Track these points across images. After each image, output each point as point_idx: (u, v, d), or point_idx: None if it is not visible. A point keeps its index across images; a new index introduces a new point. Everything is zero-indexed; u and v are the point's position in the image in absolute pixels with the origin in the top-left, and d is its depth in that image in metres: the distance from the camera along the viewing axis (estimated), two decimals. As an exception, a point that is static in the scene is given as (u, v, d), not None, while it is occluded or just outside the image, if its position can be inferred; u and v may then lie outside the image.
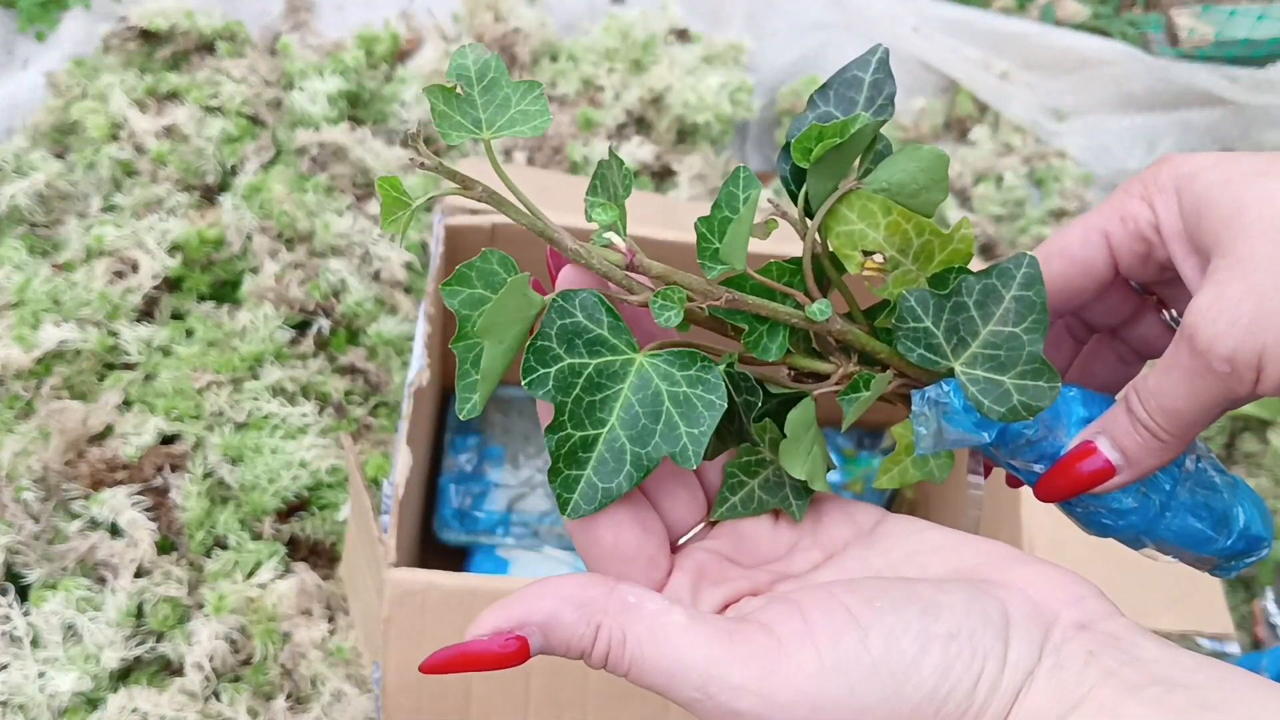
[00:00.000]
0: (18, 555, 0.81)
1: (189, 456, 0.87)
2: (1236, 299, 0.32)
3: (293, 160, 1.09)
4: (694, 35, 1.33)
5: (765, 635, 0.29)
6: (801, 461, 0.34)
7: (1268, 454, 1.06)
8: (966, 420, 0.35)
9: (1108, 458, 0.36)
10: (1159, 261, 0.37)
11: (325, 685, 0.77)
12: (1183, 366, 0.34)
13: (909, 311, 0.33)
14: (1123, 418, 0.36)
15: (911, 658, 0.28)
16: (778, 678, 0.28)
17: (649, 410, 0.32)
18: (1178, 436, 0.35)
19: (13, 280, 0.95)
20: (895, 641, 0.28)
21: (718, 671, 0.28)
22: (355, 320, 0.98)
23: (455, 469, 0.95)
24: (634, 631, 0.30)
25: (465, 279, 0.34)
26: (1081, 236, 0.38)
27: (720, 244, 0.35)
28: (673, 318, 0.32)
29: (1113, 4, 1.50)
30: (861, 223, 0.34)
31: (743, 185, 0.35)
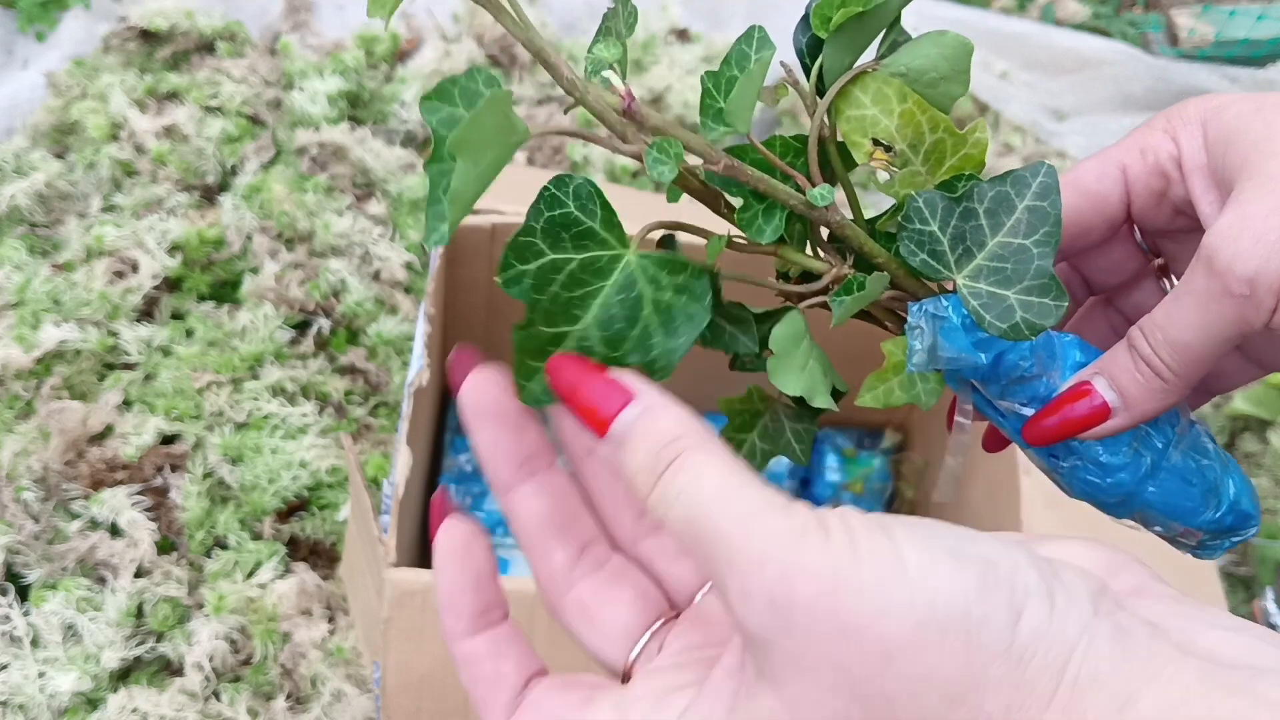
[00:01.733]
0: (18, 555, 0.81)
1: (189, 456, 0.87)
2: (1263, 215, 0.30)
3: (293, 160, 1.09)
4: (694, 35, 1.33)
5: (814, 514, 0.26)
6: (795, 377, 0.32)
7: (1268, 454, 1.06)
8: (964, 339, 0.33)
9: (1104, 398, 0.33)
10: (1174, 203, 0.36)
11: (325, 685, 0.77)
12: (1196, 292, 0.31)
13: (916, 213, 0.31)
14: (1123, 355, 0.34)
15: (943, 573, 0.25)
16: (814, 542, 0.25)
17: (627, 314, 0.30)
18: (1181, 375, 0.33)
19: (13, 280, 0.95)
20: (928, 552, 0.25)
21: (765, 515, 0.26)
22: (355, 320, 0.98)
23: (455, 469, 0.95)
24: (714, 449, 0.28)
25: (447, 94, 0.30)
26: (1097, 168, 0.36)
27: (725, 102, 0.32)
28: (666, 173, 0.30)
29: (1113, 4, 1.50)
30: (874, 108, 0.32)
31: (756, 45, 0.33)
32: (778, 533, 0.25)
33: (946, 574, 0.25)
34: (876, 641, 0.24)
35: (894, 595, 0.24)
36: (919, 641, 0.24)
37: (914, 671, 0.24)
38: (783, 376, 0.32)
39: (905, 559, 0.25)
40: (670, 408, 0.29)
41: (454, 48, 1.24)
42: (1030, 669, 0.24)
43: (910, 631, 0.24)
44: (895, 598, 0.24)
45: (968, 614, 0.24)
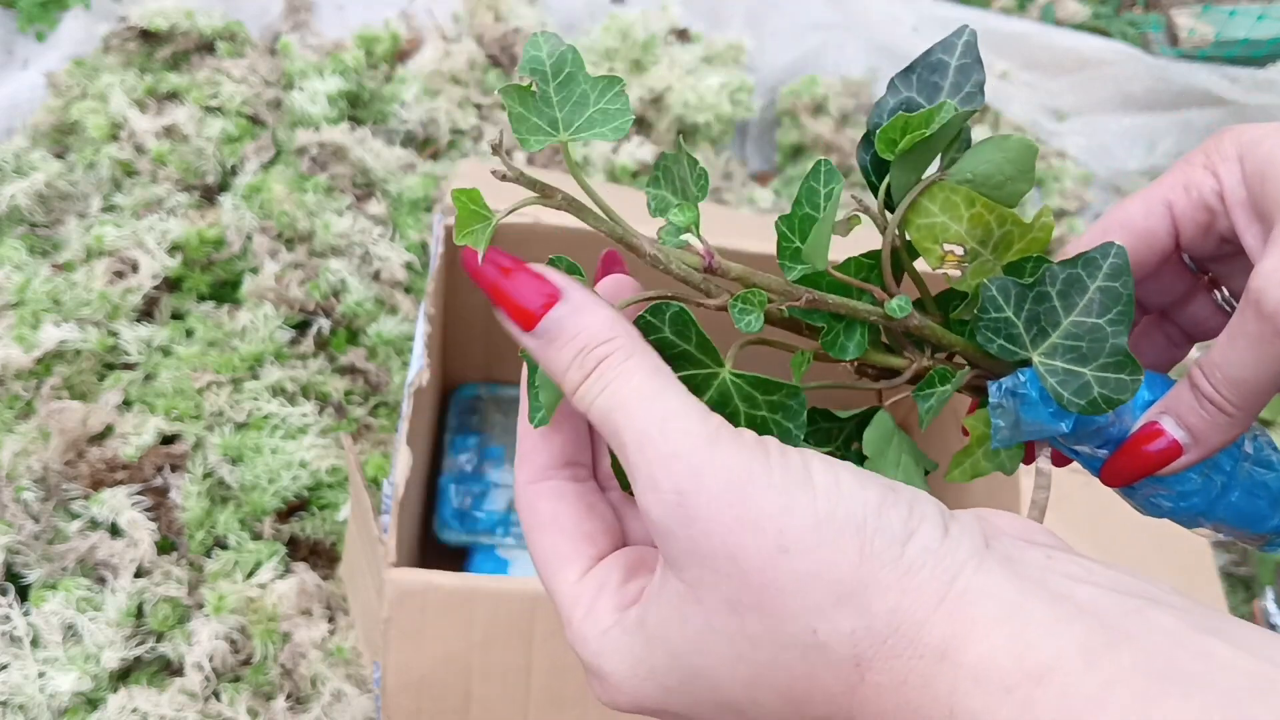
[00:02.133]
0: (18, 555, 0.81)
1: (189, 456, 0.87)
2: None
3: (293, 160, 1.09)
4: (694, 35, 1.33)
5: (730, 426, 0.28)
6: (892, 473, 0.34)
7: (1268, 454, 1.06)
8: (1043, 410, 0.34)
9: (1174, 437, 0.35)
10: (1220, 233, 0.37)
11: (325, 685, 0.77)
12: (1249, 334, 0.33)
13: (990, 301, 0.33)
14: (1187, 395, 0.35)
15: (847, 487, 0.27)
16: (726, 446, 0.27)
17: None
18: (1244, 409, 0.34)
19: (13, 280, 0.95)
20: (834, 471, 0.27)
21: (682, 417, 0.27)
22: (355, 320, 0.98)
23: (455, 469, 0.95)
24: (643, 358, 0.29)
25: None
26: (1144, 207, 0.37)
27: (802, 243, 0.33)
28: (754, 322, 0.31)
29: (1113, 4, 1.50)
30: (944, 215, 0.33)
31: (824, 180, 0.34)
32: (693, 433, 0.27)
33: (849, 489, 0.27)
34: (775, 535, 0.26)
35: (797, 496, 0.26)
36: (814, 540, 0.26)
37: (805, 567, 0.26)
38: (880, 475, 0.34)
39: (813, 471, 0.27)
40: (599, 307, 0.30)
41: (454, 48, 1.24)
42: (918, 577, 0.26)
43: (808, 529, 0.26)
44: (798, 499, 0.26)
45: (864, 523, 0.26)
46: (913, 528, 0.26)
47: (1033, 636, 0.24)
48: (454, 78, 1.21)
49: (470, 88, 1.22)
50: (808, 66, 1.37)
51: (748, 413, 0.32)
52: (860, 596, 0.26)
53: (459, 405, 0.99)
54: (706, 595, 0.27)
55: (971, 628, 0.25)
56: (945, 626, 0.25)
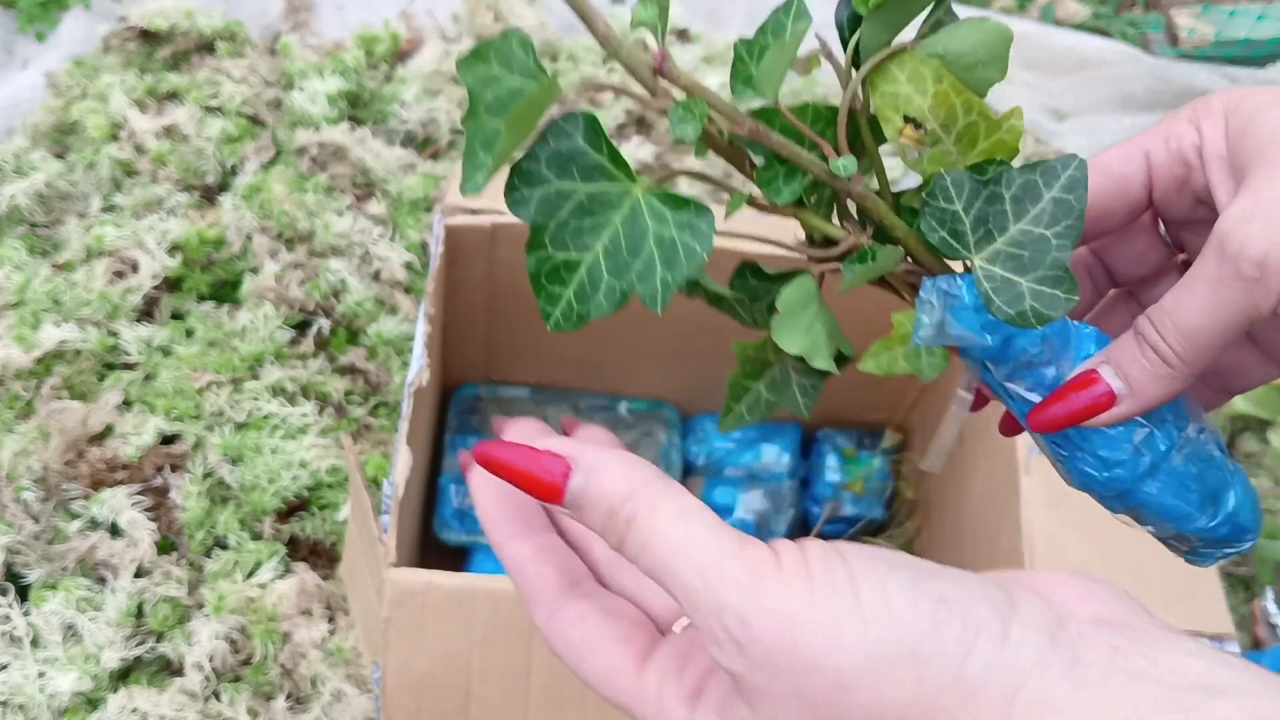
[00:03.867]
0: (18, 555, 0.81)
1: (189, 456, 0.87)
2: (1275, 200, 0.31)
3: (293, 160, 1.09)
4: (694, 35, 1.33)
5: (769, 552, 0.28)
6: (798, 337, 0.33)
7: (1268, 454, 1.06)
8: (973, 319, 0.33)
9: (1110, 385, 0.34)
10: (1195, 192, 0.36)
11: (325, 685, 0.77)
12: (1207, 277, 0.32)
13: (942, 190, 0.32)
14: (1130, 343, 0.34)
15: (896, 609, 0.26)
16: (769, 585, 0.27)
17: (631, 246, 0.31)
18: (1188, 362, 0.33)
19: (13, 280, 0.95)
20: (883, 589, 0.26)
21: (720, 562, 0.27)
22: (355, 320, 0.98)
23: (455, 469, 0.95)
24: (665, 504, 0.29)
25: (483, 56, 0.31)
26: (1122, 153, 0.36)
27: (756, 69, 0.33)
28: (690, 131, 0.31)
29: (1113, 4, 1.50)
30: (909, 86, 0.33)
31: (794, 15, 0.34)
32: (733, 578, 0.27)
33: (899, 611, 0.26)
34: (833, 674, 0.26)
35: (847, 631, 0.26)
36: (872, 674, 0.26)
37: (868, 701, 0.26)
38: (786, 335, 0.33)
39: (860, 595, 0.26)
40: (611, 464, 0.30)
41: (454, 48, 1.24)
42: (981, 698, 0.25)
43: (863, 665, 0.26)
44: (848, 634, 0.26)
45: (918, 650, 0.26)
46: (969, 643, 0.26)
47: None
48: (454, 78, 1.21)
49: (470, 88, 1.22)
50: (808, 66, 1.37)
51: (657, 231, 0.31)
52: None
53: (459, 405, 0.99)
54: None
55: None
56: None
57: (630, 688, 0.32)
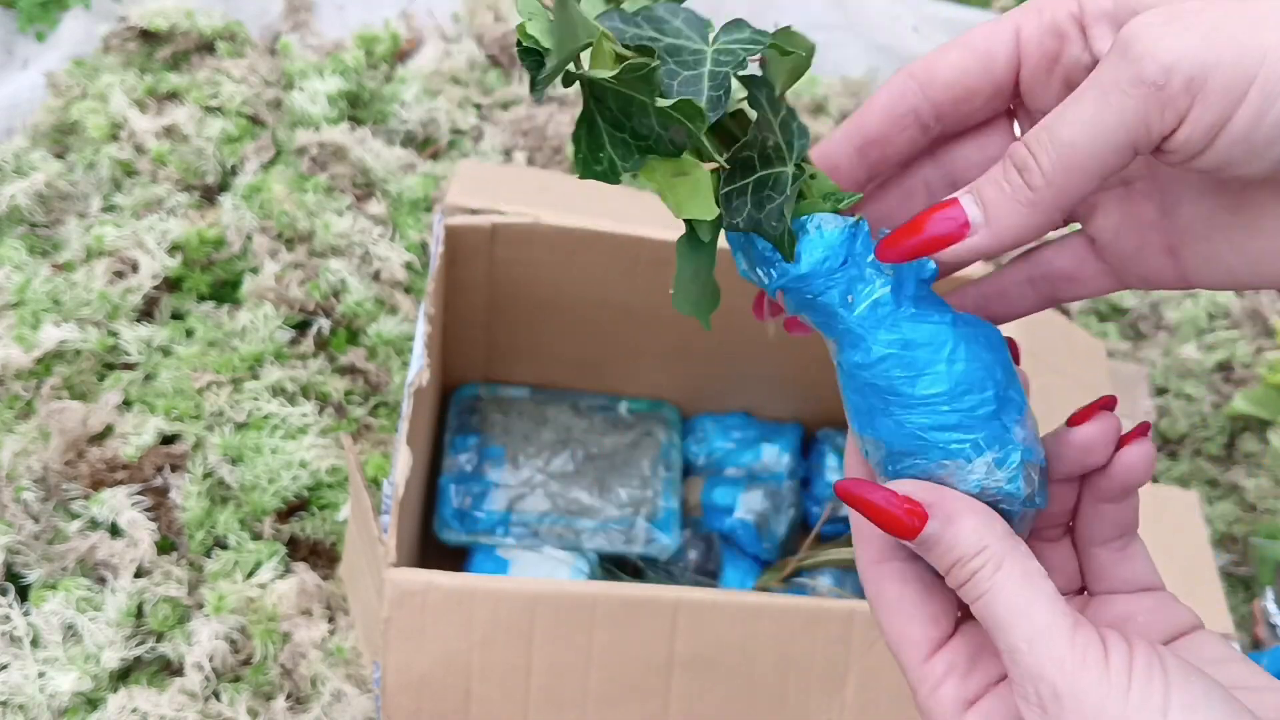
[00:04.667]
0: (18, 555, 0.81)
1: (189, 456, 0.87)
2: (1194, 10, 0.27)
3: (293, 160, 1.09)
4: (694, 35, 1.33)
5: (1099, 642, 0.29)
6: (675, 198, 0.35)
7: (1268, 454, 1.06)
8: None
9: (966, 213, 0.31)
10: (1066, 72, 0.32)
11: (325, 685, 0.77)
12: (1100, 83, 0.28)
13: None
14: (996, 167, 0.31)
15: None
16: (1090, 675, 0.28)
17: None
18: (1054, 184, 0.29)
19: (13, 280, 0.95)
20: (1194, 710, 0.27)
21: (1050, 637, 0.29)
22: (355, 320, 0.98)
23: (455, 469, 0.95)
24: (1010, 567, 0.30)
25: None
26: (990, 28, 0.33)
27: None
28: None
29: (1113, 4, 1.50)
30: None
31: None
32: (1060, 656, 0.29)
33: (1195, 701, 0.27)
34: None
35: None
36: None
37: None
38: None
39: (1171, 708, 0.27)
40: (966, 516, 0.31)
41: (454, 48, 1.24)
42: None
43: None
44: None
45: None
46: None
47: None
48: (454, 78, 1.21)
49: (470, 88, 1.22)
50: (808, 66, 1.37)
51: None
52: None
53: (459, 405, 0.99)
54: None
55: None
56: None
57: (917, 666, 0.34)
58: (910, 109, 0.35)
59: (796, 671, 0.68)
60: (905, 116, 0.35)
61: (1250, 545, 1.03)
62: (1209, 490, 1.07)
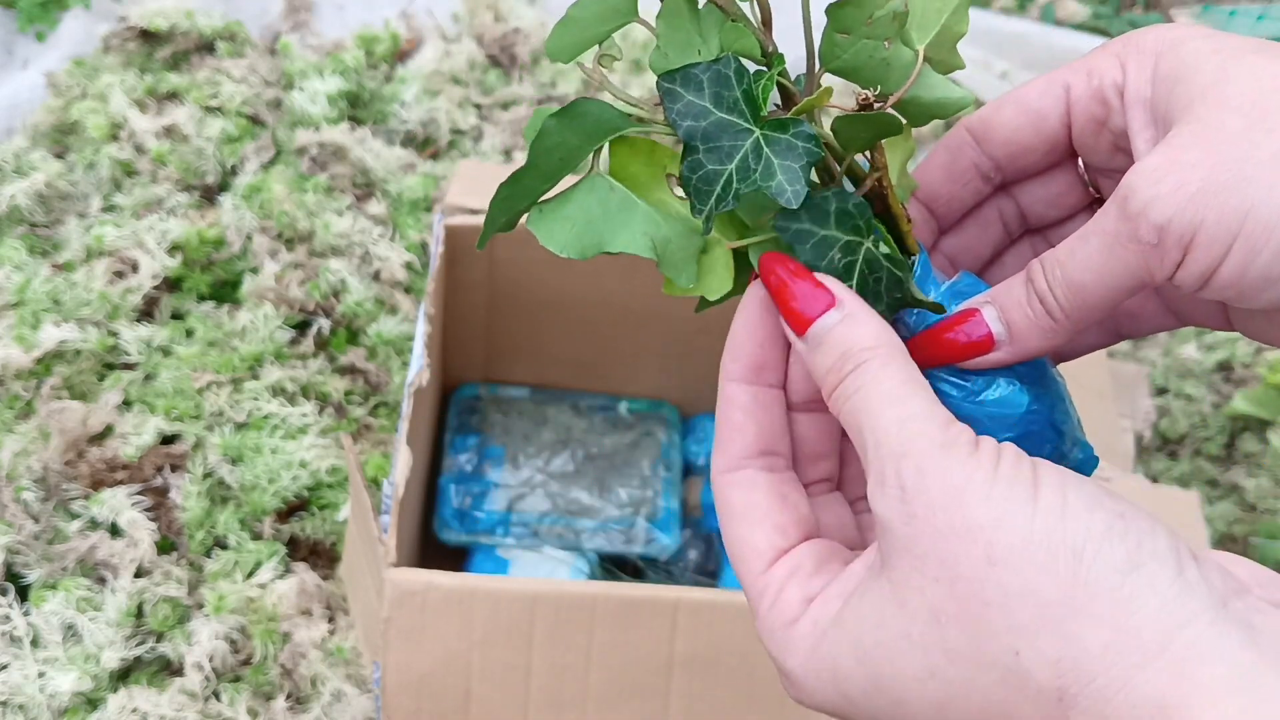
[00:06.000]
0: (18, 555, 0.81)
1: (189, 456, 0.87)
2: (1190, 164, 0.28)
3: (293, 160, 1.09)
4: (694, 35, 1.33)
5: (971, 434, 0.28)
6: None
7: (1268, 454, 1.06)
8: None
9: (990, 328, 0.32)
10: (1113, 135, 0.34)
11: (325, 685, 0.77)
12: (1105, 232, 0.30)
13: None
14: (1018, 288, 0.32)
15: (1071, 510, 0.25)
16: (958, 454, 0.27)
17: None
18: (1071, 317, 0.31)
19: (13, 280, 0.95)
20: (1062, 492, 0.26)
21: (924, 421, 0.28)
22: (355, 320, 0.98)
23: (455, 469, 0.95)
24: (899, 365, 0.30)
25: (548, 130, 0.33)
26: (1042, 86, 0.34)
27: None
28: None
29: (1113, 4, 1.50)
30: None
31: None
32: (926, 436, 0.28)
33: (1074, 510, 0.26)
34: (984, 546, 0.26)
35: (1014, 511, 0.26)
36: (1023, 557, 0.25)
37: (1013, 583, 0.25)
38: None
39: (1039, 492, 0.26)
40: (869, 318, 0.31)
41: (454, 48, 1.24)
42: (1137, 617, 0.24)
43: (1019, 546, 0.25)
44: (1014, 513, 0.26)
45: (1082, 549, 0.25)
46: (1139, 561, 0.25)
47: (1271, 715, 0.23)
48: (454, 78, 1.21)
49: (470, 88, 1.22)
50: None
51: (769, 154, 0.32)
52: (1068, 623, 0.24)
53: (459, 405, 0.99)
54: (911, 599, 0.27)
55: (1198, 690, 0.23)
56: (1166, 681, 0.23)
57: (757, 576, 0.32)
58: (970, 164, 0.36)
59: (796, 671, 0.68)
60: (966, 172, 0.36)
61: (1250, 545, 1.03)
62: (1209, 490, 1.07)
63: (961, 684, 0.26)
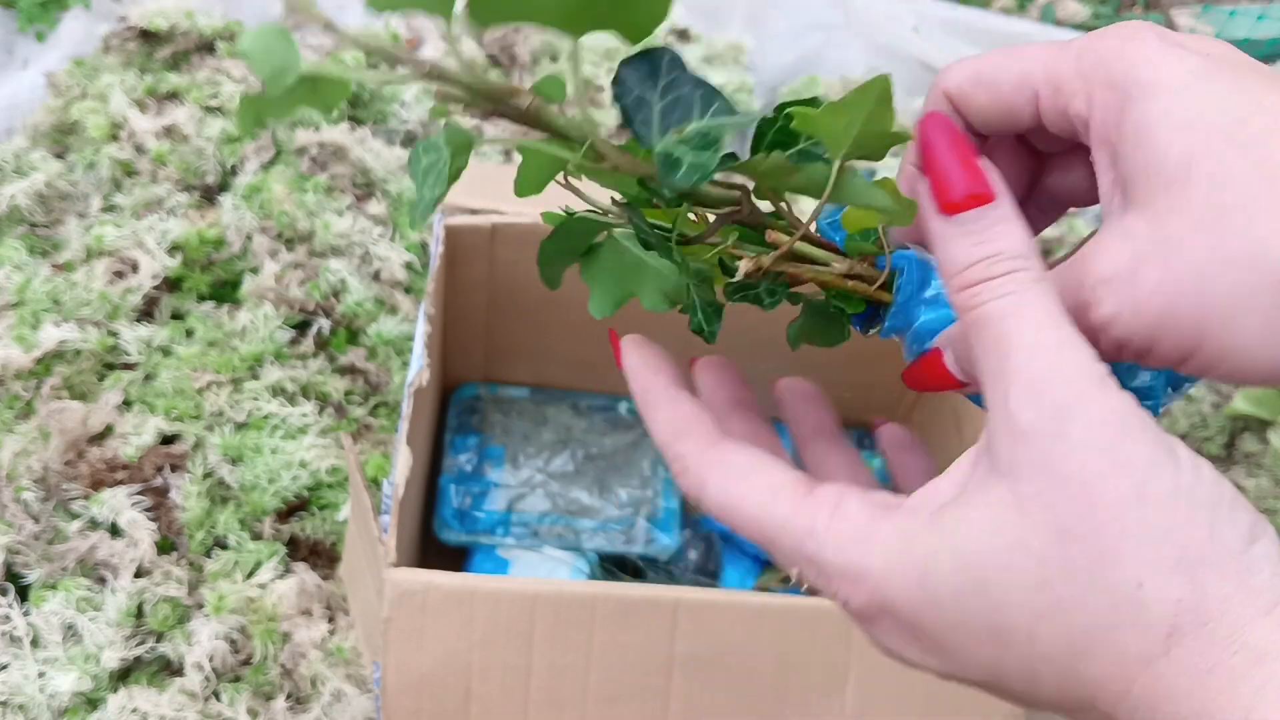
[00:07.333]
0: (18, 555, 0.81)
1: (189, 456, 0.87)
2: (1154, 283, 0.28)
3: (293, 160, 1.09)
4: (694, 35, 1.33)
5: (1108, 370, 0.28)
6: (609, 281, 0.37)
7: (1268, 454, 1.06)
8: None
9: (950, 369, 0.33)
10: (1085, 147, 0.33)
11: (325, 685, 0.77)
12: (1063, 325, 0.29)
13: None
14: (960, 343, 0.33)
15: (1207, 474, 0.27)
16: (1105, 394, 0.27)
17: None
18: None
19: (13, 280, 0.95)
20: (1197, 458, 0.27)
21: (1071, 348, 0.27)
22: (355, 320, 0.98)
23: (455, 469, 0.95)
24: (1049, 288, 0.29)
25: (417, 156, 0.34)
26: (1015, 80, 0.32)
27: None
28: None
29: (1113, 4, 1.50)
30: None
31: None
32: (1087, 367, 0.27)
33: (1208, 479, 0.26)
34: (1139, 482, 0.26)
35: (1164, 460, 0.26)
36: (1172, 501, 0.26)
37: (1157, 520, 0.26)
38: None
39: (1178, 450, 0.27)
40: (1022, 227, 0.29)
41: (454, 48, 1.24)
42: (1257, 579, 0.25)
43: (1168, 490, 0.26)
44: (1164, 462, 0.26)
45: (1217, 508, 0.26)
46: (1257, 534, 0.26)
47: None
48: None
49: (470, 88, 1.22)
50: (808, 66, 1.37)
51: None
52: (1200, 569, 0.25)
53: (459, 405, 0.99)
54: (1037, 512, 0.26)
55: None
56: (1272, 634, 0.25)
57: (800, 503, 0.31)
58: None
59: (796, 671, 0.68)
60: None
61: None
62: (1209, 490, 1.07)
63: (1072, 600, 0.26)
